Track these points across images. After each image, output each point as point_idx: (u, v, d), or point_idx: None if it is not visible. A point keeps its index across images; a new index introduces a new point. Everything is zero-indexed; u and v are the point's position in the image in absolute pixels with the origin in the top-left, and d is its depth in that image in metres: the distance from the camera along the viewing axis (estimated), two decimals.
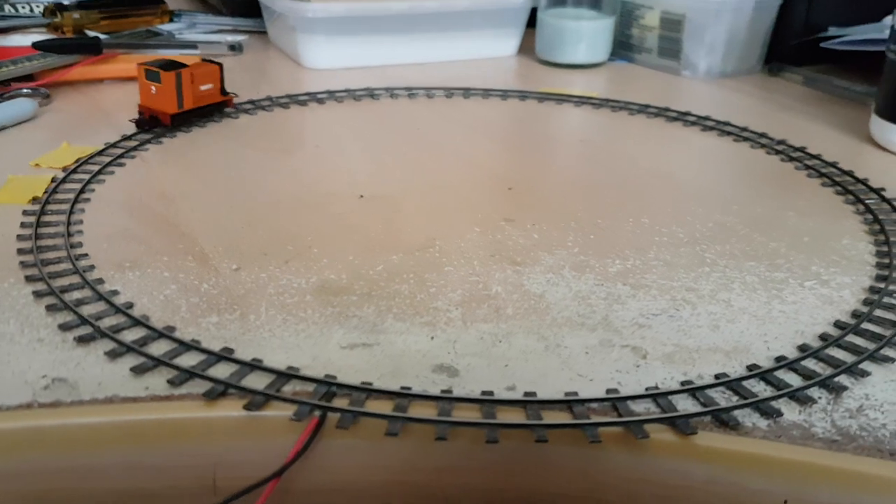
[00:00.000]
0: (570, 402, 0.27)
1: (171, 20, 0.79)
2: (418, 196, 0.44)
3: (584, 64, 0.71)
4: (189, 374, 0.27)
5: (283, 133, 0.54)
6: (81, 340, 0.29)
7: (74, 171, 0.45)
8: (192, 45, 0.68)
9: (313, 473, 0.26)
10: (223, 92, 0.54)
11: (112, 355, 0.28)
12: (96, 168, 0.45)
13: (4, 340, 0.29)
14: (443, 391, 0.27)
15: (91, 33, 0.71)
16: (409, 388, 0.27)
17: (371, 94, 0.61)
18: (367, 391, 0.27)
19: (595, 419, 0.26)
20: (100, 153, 0.47)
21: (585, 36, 0.70)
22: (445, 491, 0.27)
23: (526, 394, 0.27)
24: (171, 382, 0.27)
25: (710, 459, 0.26)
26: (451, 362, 0.29)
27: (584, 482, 0.26)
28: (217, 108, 0.54)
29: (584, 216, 0.41)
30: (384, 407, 0.27)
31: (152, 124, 0.51)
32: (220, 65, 0.53)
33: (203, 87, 0.53)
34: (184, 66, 0.51)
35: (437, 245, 0.38)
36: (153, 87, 0.50)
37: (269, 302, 0.32)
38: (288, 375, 0.28)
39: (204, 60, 0.53)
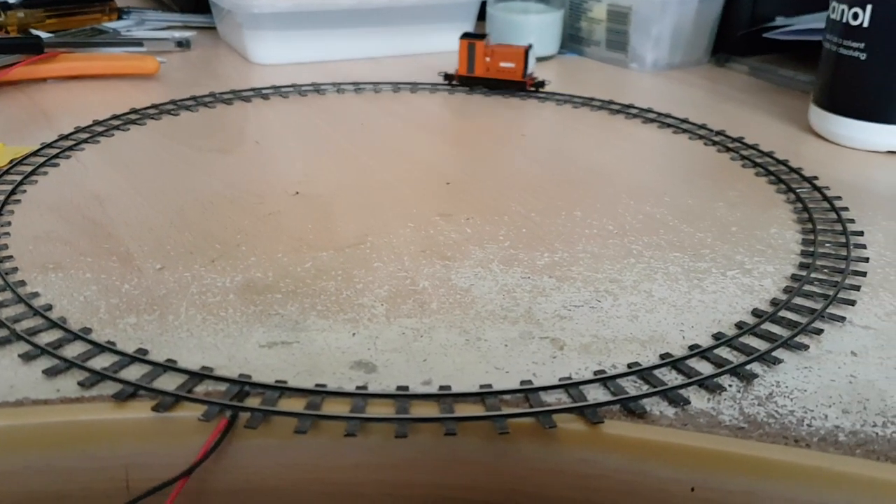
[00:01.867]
0: (483, 395, 0.27)
1: (119, 18, 0.78)
2: (355, 193, 0.44)
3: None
4: (101, 376, 0.27)
5: (223, 130, 0.53)
6: None
7: (7, 171, 0.44)
8: (138, 42, 0.68)
9: (227, 473, 0.26)
10: (523, 75, 0.60)
11: (26, 358, 0.28)
12: (29, 169, 0.44)
13: None
14: (358, 387, 0.28)
15: (37, 32, 0.70)
16: (323, 386, 0.28)
17: (317, 89, 0.61)
18: (281, 390, 0.27)
19: (506, 411, 0.26)
20: (34, 153, 0.47)
21: (534, 29, 0.70)
22: (358, 488, 0.27)
23: (441, 388, 0.28)
24: (81, 385, 0.27)
25: (618, 448, 0.26)
26: (371, 358, 0.29)
27: (495, 474, 0.27)
28: (509, 86, 0.61)
29: (519, 210, 0.42)
30: (297, 405, 0.27)
31: (449, 79, 0.62)
32: (528, 48, 0.60)
33: (502, 64, 0.60)
34: (481, 37, 0.61)
35: (369, 241, 0.38)
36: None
37: (190, 302, 0.32)
38: (201, 376, 0.28)
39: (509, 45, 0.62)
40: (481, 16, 0.74)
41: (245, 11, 0.65)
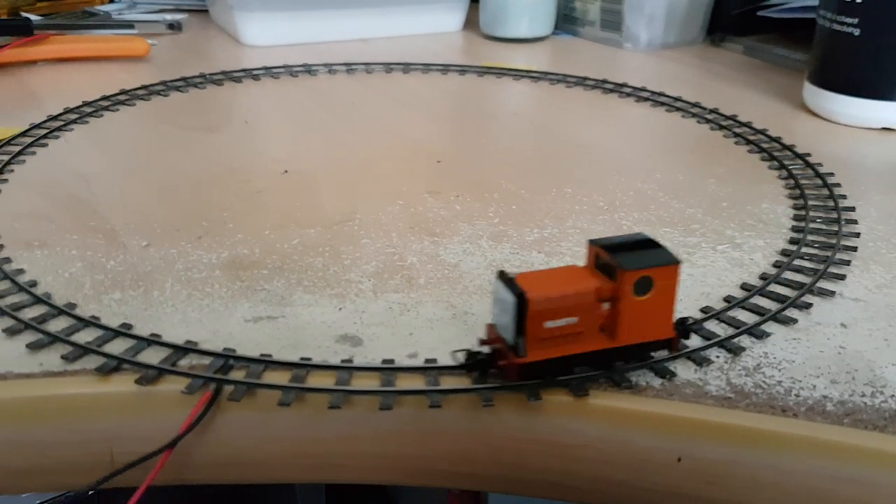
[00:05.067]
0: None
1: (111, 1, 0.77)
2: (344, 171, 0.44)
3: (528, 38, 0.71)
4: (84, 350, 0.27)
5: (212, 110, 0.53)
6: None
7: None
8: (129, 24, 0.67)
9: (211, 446, 0.26)
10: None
11: (10, 332, 0.28)
12: (17, 149, 0.44)
13: None
14: (343, 360, 0.27)
15: (27, 15, 0.70)
16: (308, 359, 0.27)
17: (309, 70, 0.61)
18: (265, 363, 0.27)
19: (492, 383, 0.26)
20: (23, 134, 0.46)
21: (528, 10, 0.70)
22: (342, 459, 0.27)
23: (426, 360, 0.27)
24: (64, 358, 0.27)
25: (602, 418, 0.26)
26: (356, 332, 0.29)
27: (482, 446, 0.26)
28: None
29: (509, 188, 0.41)
30: (281, 378, 0.27)
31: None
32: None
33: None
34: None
35: (358, 218, 0.38)
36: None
37: (175, 278, 0.32)
38: (185, 349, 0.27)
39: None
40: None
41: None
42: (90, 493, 0.26)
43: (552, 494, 0.27)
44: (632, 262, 0.25)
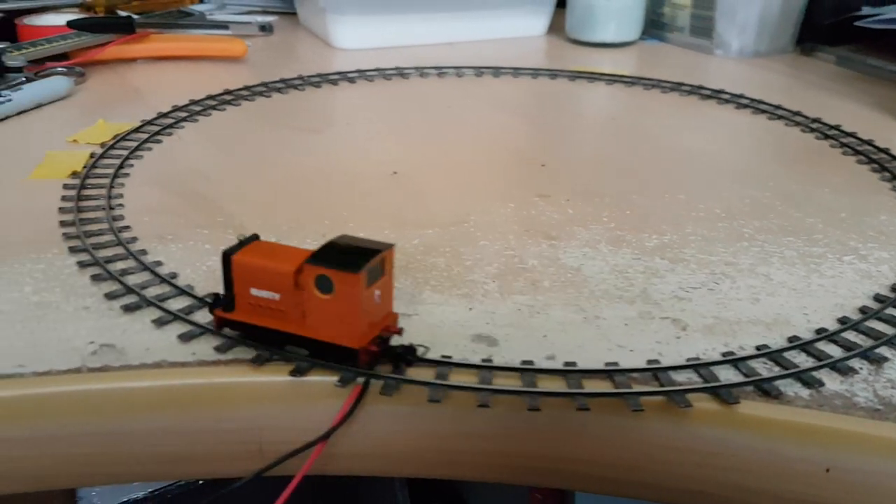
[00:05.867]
0: (610, 372, 0.27)
1: (201, 1, 0.79)
2: (451, 173, 0.44)
3: (615, 43, 0.71)
4: (235, 341, 0.28)
5: (313, 111, 0.54)
6: (127, 309, 0.30)
7: (112, 147, 0.45)
8: (224, 25, 0.69)
9: (357, 438, 0.27)
10: None
11: (158, 323, 0.29)
12: (134, 144, 0.46)
13: (50, 308, 0.30)
14: (483, 360, 0.28)
15: (123, 13, 0.72)
16: (449, 357, 0.28)
17: (401, 73, 0.61)
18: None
19: (636, 388, 0.26)
20: (136, 130, 0.48)
21: (616, 14, 0.69)
22: (484, 458, 0.27)
23: (566, 363, 0.28)
24: (217, 349, 0.27)
25: (751, 428, 0.26)
26: (490, 332, 0.30)
27: (624, 451, 0.26)
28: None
29: (619, 192, 0.41)
30: (425, 375, 0.27)
31: (408, 353, 0.28)
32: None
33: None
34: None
35: (472, 220, 0.38)
36: (377, 293, 0.27)
37: None
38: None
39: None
40: (562, 2, 0.73)
41: None
42: (199, 482, 0.27)
43: (690, 502, 0.27)
44: (320, 259, 0.26)
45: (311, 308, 0.26)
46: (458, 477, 0.28)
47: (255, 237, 0.28)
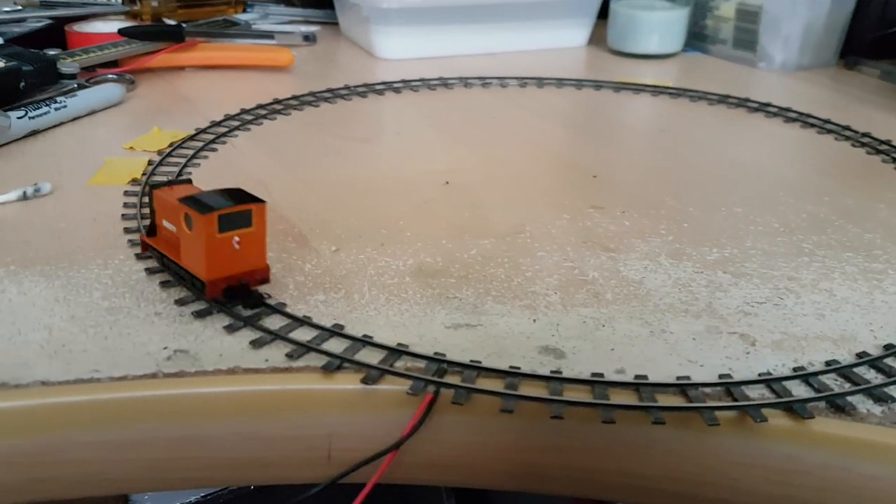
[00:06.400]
0: (682, 386, 0.27)
1: (244, 10, 0.80)
2: (502, 183, 0.44)
3: (657, 54, 0.71)
4: (306, 348, 0.28)
5: (363, 121, 0.55)
6: (198, 315, 0.30)
7: (169, 154, 0.46)
8: (269, 35, 0.69)
9: (426, 447, 0.27)
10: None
11: (230, 329, 0.29)
12: (190, 152, 0.46)
13: (122, 314, 0.30)
14: (552, 371, 0.28)
15: (169, 21, 0.73)
16: (517, 368, 0.28)
17: (445, 83, 0.62)
18: (478, 369, 0.28)
19: (710, 403, 0.26)
20: (191, 138, 0.49)
21: (658, 26, 0.69)
22: (553, 470, 0.27)
23: (637, 377, 0.28)
24: (289, 356, 0.28)
25: (824, 444, 0.25)
26: (556, 344, 0.30)
27: (696, 466, 0.26)
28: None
29: (674, 204, 0.41)
30: (495, 385, 0.27)
31: (243, 297, 0.31)
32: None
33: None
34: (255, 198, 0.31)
35: (528, 231, 0.38)
36: (236, 239, 0.30)
37: (370, 282, 0.33)
38: (399, 352, 0.28)
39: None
40: (603, 13, 0.73)
41: (373, 7, 0.66)
42: (251, 487, 0.27)
43: None
44: (190, 200, 0.30)
45: (183, 241, 0.31)
46: (527, 489, 0.28)
47: (189, 181, 0.33)
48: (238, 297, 0.30)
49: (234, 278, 0.30)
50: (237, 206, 0.30)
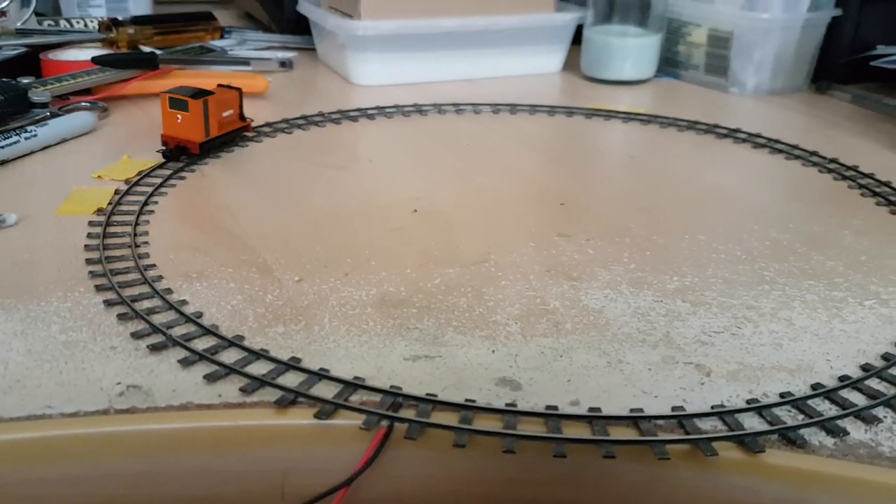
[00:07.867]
0: (636, 419, 0.27)
1: (221, 37, 0.81)
2: (471, 211, 0.44)
3: (630, 80, 0.71)
4: (260, 383, 0.28)
5: (336, 148, 0.55)
6: (154, 349, 0.30)
7: (137, 183, 0.46)
8: (245, 61, 0.70)
9: (379, 482, 0.27)
10: (241, 117, 0.54)
11: (185, 363, 0.29)
12: (158, 181, 0.46)
13: (78, 348, 0.30)
14: (507, 404, 0.28)
15: (145, 48, 0.73)
16: (473, 401, 0.28)
17: (419, 109, 0.62)
18: (433, 402, 0.28)
19: (662, 436, 0.26)
20: (160, 166, 0.49)
21: (632, 53, 0.70)
22: (510, 503, 0.27)
23: (590, 409, 0.28)
24: (243, 390, 0.28)
25: (777, 477, 0.26)
26: (514, 376, 0.30)
27: (649, 499, 0.26)
28: (237, 134, 0.53)
29: (639, 232, 0.42)
30: (449, 419, 0.27)
31: (179, 154, 0.49)
32: (240, 90, 0.53)
33: (225, 114, 0.52)
34: (209, 93, 0.50)
35: (493, 259, 0.39)
36: (179, 116, 0.49)
37: (331, 313, 0.33)
38: (355, 385, 0.28)
39: (221, 86, 0.53)
40: (577, 39, 0.74)
41: (350, 34, 0.67)
42: None
43: None
44: (174, 91, 0.50)
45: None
46: None
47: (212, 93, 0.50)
48: (180, 152, 0.49)
49: (177, 140, 0.49)
50: (181, 96, 0.49)
